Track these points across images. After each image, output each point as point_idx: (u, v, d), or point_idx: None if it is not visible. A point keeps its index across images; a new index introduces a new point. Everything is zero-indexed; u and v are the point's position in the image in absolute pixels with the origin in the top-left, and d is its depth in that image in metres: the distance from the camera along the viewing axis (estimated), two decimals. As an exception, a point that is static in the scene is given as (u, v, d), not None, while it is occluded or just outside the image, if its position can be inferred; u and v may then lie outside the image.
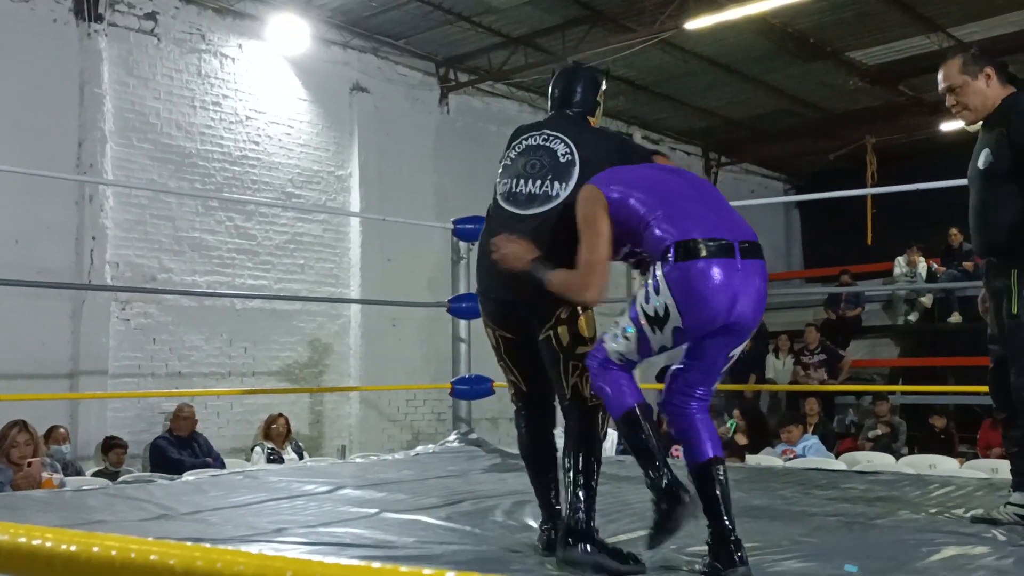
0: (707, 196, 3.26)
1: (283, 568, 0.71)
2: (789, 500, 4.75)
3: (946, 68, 3.92)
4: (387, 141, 11.64)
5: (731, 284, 2.98)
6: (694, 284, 2.95)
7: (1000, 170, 3.76)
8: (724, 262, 2.99)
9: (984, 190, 3.84)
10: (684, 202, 3.15)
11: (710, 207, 3.17)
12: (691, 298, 2.96)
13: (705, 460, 3.10)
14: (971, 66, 3.85)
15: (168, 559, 0.72)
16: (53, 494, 5.09)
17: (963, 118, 3.95)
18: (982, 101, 3.85)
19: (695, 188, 3.27)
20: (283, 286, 10.56)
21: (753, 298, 3.05)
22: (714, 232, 3.03)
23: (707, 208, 3.15)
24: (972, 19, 11.16)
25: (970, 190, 3.98)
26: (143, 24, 9.67)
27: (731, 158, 16.98)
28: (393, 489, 5.21)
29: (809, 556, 3.36)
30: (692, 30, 10.49)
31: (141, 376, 9.40)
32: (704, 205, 3.17)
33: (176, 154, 9.80)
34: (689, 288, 2.95)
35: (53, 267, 8.76)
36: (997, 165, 3.77)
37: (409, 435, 11.40)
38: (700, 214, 3.10)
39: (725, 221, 3.11)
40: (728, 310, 3.00)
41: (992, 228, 3.80)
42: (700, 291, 2.96)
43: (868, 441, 10.62)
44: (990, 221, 3.81)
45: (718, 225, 3.07)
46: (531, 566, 3.29)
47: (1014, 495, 3.95)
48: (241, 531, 3.93)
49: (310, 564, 0.73)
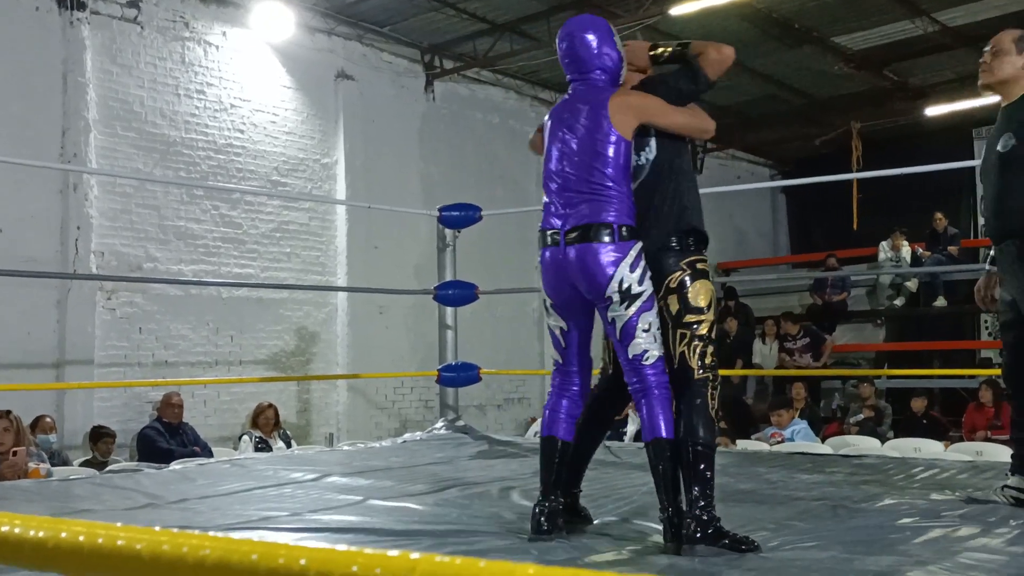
0: (564, 173, 3.45)
1: (249, 551, 0.72)
2: (775, 484, 4.77)
3: (1004, 31, 4.02)
4: (372, 129, 11.61)
5: (557, 269, 3.40)
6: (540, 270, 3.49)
7: (1021, 154, 3.78)
8: (552, 250, 3.41)
9: (1003, 174, 3.85)
10: (547, 184, 3.52)
11: (561, 188, 3.45)
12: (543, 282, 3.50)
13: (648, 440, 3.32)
14: (1022, 43, 3.92)
15: (135, 544, 0.72)
16: (40, 484, 5.08)
17: (982, 77, 4.00)
18: (1008, 74, 3.91)
19: (560, 161, 3.47)
20: (269, 274, 10.54)
21: (578, 276, 3.35)
22: (547, 222, 3.45)
23: (557, 190, 3.46)
24: (956, 3, 11.18)
25: (986, 176, 4.00)
26: (126, 12, 9.61)
27: (718, 144, 16.97)
28: (380, 476, 5.22)
29: (795, 540, 3.38)
30: (677, 16, 10.48)
31: (127, 365, 9.38)
32: (557, 186, 3.46)
33: (160, 142, 9.76)
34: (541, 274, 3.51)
35: (38, 256, 8.72)
36: (1018, 149, 3.79)
37: (397, 422, 11.41)
38: (548, 200, 3.49)
39: (557, 204, 3.44)
40: (553, 287, 3.45)
41: (1013, 212, 3.81)
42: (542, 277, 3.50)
43: (854, 425, 10.67)
44: (1010, 205, 3.82)
45: (554, 213, 3.44)
46: (516, 549, 3.30)
47: (1013, 478, 3.98)
48: (228, 519, 3.93)
49: (275, 547, 0.73)
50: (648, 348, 3.30)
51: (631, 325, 3.29)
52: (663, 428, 3.27)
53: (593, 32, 3.51)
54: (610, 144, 3.36)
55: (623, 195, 3.36)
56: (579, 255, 3.32)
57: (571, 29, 3.54)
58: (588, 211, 3.33)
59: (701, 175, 16.51)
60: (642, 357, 3.30)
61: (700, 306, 3.36)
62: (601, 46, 3.50)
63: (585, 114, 3.44)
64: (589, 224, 3.32)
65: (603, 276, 3.28)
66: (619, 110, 3.39)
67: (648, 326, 3.29)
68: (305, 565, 0.75)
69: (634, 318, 3.28)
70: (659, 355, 3.31)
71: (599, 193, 3.34)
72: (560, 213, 3.41)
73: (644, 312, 3.29)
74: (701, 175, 16.51)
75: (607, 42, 3.51)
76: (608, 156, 3.36)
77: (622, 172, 3.37)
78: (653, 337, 3.30)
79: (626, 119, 3.39)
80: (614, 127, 3.37)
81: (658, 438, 3.27)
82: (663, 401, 3.30)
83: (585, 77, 3.52)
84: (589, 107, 3.44)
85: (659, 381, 3.31)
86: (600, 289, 3.31)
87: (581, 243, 3.31)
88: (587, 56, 3.49)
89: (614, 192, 3.34)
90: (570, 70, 3.55)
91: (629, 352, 3.32)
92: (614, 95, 3.44)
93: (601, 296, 3.32)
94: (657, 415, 3.28)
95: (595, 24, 3.55)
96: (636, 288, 3.28)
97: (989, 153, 3.97)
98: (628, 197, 3.38)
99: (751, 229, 18.07)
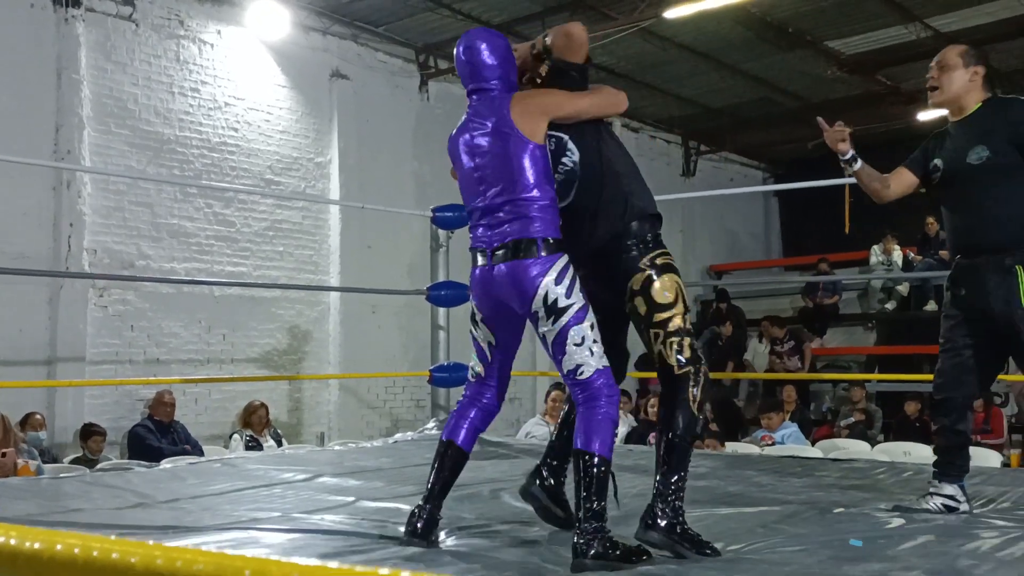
0: (485, 195, 3.38)
1: (242, 567, 0.73)
2: (764, 487, 4.79)
3: (948, 48, 4.03)
4: (367, 128, 11.61)
5: (485, 286, 3.36)
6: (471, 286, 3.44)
7: (998, 165, 3.79)
8: (481, 269, 3.37)
9: (979, 186, 3.85)
10: (469, 210, 3.47)
11: (484, 210, 3.38)
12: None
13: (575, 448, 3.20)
14: (968, 57, 3.94)
15: (129, 557, 0.73)
16: (29, 482, 5.08)
17: (931, 97, 4.02)
18: (955, 91, 3.93)
19: (478, 184, 3.40)
20: (262, 273, 10.54)
21: (508, 293, 3.29)
22: (475, 242, 3.41)
23: (481, 213, 3.40)
24: (949, 9, 11.22)
25: (951, 187, 3.98)
26: (121, 10, 9.61)
27: (711, 146, 17.02)
28: (371, 477, 5.23)
29: (782, 544, 3.40)
30: (672, 19, 10.51)
31: (119, 363, 9.37)
32: (480, 209, 3.40)
33: (154, 140, 9.75)
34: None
35: (30, 253, 8.72)
36: (994, 160, 3.80)
37: (388, 422, 11.42)
38: (473, 223, 3.44)
39: (483, 224, 3.38)
40: (483, 302, 3.42)
41: (993, 224, 3.81)
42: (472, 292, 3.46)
43: (844, 428, 10.70)
44: (989, 217, 3.82)
45: (479, 229, 3.39)
46: (504, 552, 3.31)
47: (941, 485, 4.01)
48: (218, 519, 3.93)
49: (267, 563, 0.74)
50: (582, 362, 3.18)
51: (561, 339, 3.19)
52: (595, 445, 3.12)
53: (492, 43, 3.46)
54: (524, 154, 3.27)
55: (546, 205, 3.28)
56: (507, 272, 3.26)
57: (471, 38, 3.48)
58: (512, 228, 3.26)
59: (694, 177, 16.56)
60: (576, 372, 3.19)
61: (668, 301, 3.30)
62: (499, 57, 3.44)
63: (490, 130, 3.35)
64: (514, 240, 3.24)
65: (530, 290, 3.21)
66: (523, 115, 3.30)
67: (581, 340, 3.18)
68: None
69: (563, 332, 3.18)
70: (598, 368, 3.19)
71: (522, 208, 3.26)
72: (486, 233, 3.34)
73: (574, 326, 3.18)
74: (694, 177, 16.56)
75: (505, 55, 3.46)
76: (525, 167, 3.27)
77: (543, 178, 3.29)
78: (588, 351, 3.18)
79: (532, 122, 3.30)
80: (523, 134, 3.28)
81: (585, 452, 3.13)
82: (603, 416, 3.17)
83: (481, 87, 3.44)
84: (492, 122, 3.35)
85: (597, 392, 3.19)
86: (527, 305, 3.24)
87: (508, 260, 3.25)
88: (485, 65, 3.43)
89: (537, 204, 3.26)
90: (467, 79, 3.49)
91: (563, 367, 3.23)
92: (512, 102, 3.34)
93: (528, 311, 3.26)
94: (592, 429, 3.15)
95: (494, 36, 3.51)
96: (563, 301, 3.18)
97: (954, 166, 3.93)
98: (552, 205, 3.30)
99: (743, 231, 18.12)
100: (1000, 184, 3.81)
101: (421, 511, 3.37)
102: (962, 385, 4.03)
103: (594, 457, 3.11)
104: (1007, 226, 3.79)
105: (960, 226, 3.97)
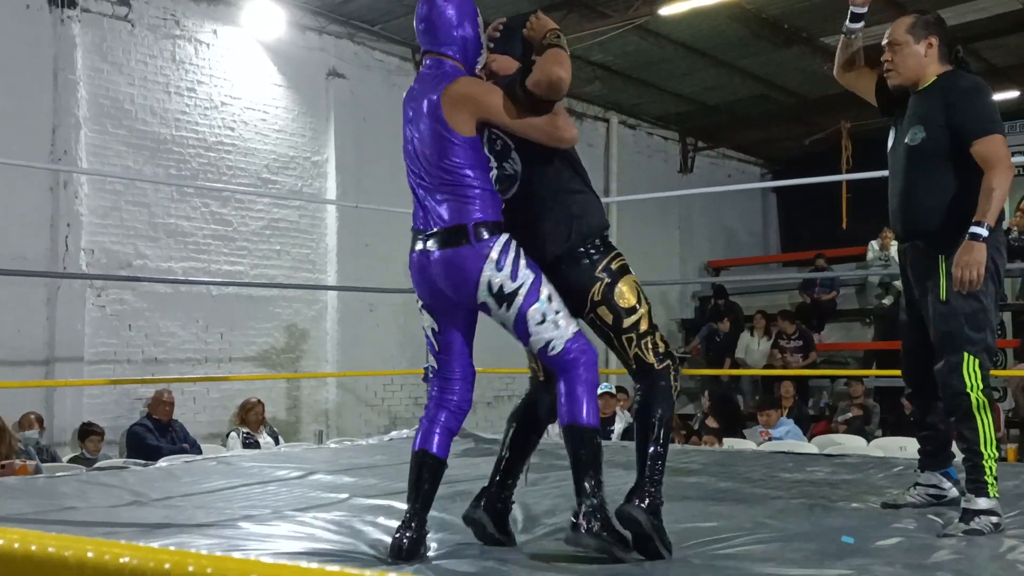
0: (419, 171, 3.26)
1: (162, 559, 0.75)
2: (755, 483, 4.83)
3: (896, 22, 3.82)
4: (363, 127, 11.62)
5: (422, 272, 3.23)
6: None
7: (931, 149, 3.64)
8: (417, 254, 3.24)
9: (911, 169, 3.71)
10: (409, 180, 3.33)
11: (420, 187, 3.27)
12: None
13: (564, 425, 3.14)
14: (918, 29, 3.74)
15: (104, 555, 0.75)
16: (26, 481, 5.11)
17: (889, 78, 3.82)
18: (914, 67, 3.73)
19: (415, 159, 3.26)
20: (259, 272, 10.56)
21: (444, 283, 3.18)
22: (415, 223, 3.28)
23: (416, 187, 3.29)
24: (944, 5, 11.16)
25: (890, 167, 3.86)
26: (117, 10, 9.63)
27: (708, 143, 17.02)
28: (365, 474, 5.27)
29: (769, 538, 3.43)
30: (667, 16, 10.52)
31: (117, 362, 9.40)
32: (416, 184, 3.29)
33: (151, 140, 9.77)
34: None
35: (28, 254, 8.74)
36: (928, 144, 3.64)
37: (387, 420, 11.44)
38: (414, 197, 3.30)
39: (417, 201, 3.26)
40: (420, 287, 3.28)
41: (920, 211, 3.69)
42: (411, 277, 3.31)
43: (842, 424, 10.73)
44: (917, 204, 3.69)
45: (418, 209, 3.27)
46: (495, 550, 3.34)
47: (922, 475, 4.02)
48: (211, 516, 3.97)
49: (226, 560, 0.77)
50: (550, 338, 3.09)
51: (522, 324, 3.09)
52: (583, 414, 3.06)
53: (460, 5, 3.26)
54: (453, 144, 3.12)
55: (480, 188, 3.13)
56: (441, 261, 3.13)
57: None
58: (445, 213, 3.12)
59: (691, 174, 16.56)
60: (547, 348, 3.10)
61: (631, 305, 3.23)
62: (461, 21, 3.25)
63: (425, 108, 3.17)
64: (446, 228, 3.11)
65: (469, 282, 3.08)
66: (453, 105, 3.12)
67: (542, 317, 3.08)
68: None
69: (521, 316, 3.08)
70: (568, 337, 3.09)
71: (454, 192, 3.12)
72: (422, 215, 3.21)
73: (531, 306, 3.07)
74: (691, 174, 16.56)
75: (468, 19, 3.27)
76: (454, 156, 3.12)
77: (473, 166, 3.13)
78: (553, 324, 3.08)
79: (461, 116, 3.12)
80: (450, 126, 3.11)
81: (575, 425, 3.07)
82: (583, 383, 3.09)
83: (436, 51, 3.25)
84: (427, 101, 3.17)
85: (573, 362, 3.09)
86: (470, 296, 3.12)
87: (441, 249, 3.12)
88: (443, 28, 3.24)
89: (468, 188, 3.11)
90: (423, 41, 3.30)
91: (533, 348, 3.15)
92: (448, 88, 3.14)
93: (473, 303, 3.14)
94: (575, 398, 3.07)
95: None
96: (510, 285, 3.06)
97: (895, 145, 3.81)
98: (488, 189, 3.16)
99: (741, 228, 18.12)
100: (930, 170, 3.65)
101: (404, 531, 3.19)
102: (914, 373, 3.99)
103: (584, 430, 3.06)
104: (931, 214, 3.64)
105: (893, 208, 3.83)
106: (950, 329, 3.57)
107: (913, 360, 3.95)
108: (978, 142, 3.54)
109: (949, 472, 4.01)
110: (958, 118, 3.59)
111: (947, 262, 3.55)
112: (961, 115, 3.60)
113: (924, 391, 3.91)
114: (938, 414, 3.88)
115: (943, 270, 3.59)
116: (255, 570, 0.81)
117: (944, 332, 3.60)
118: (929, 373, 3.72)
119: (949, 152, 3.61)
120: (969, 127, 3.57)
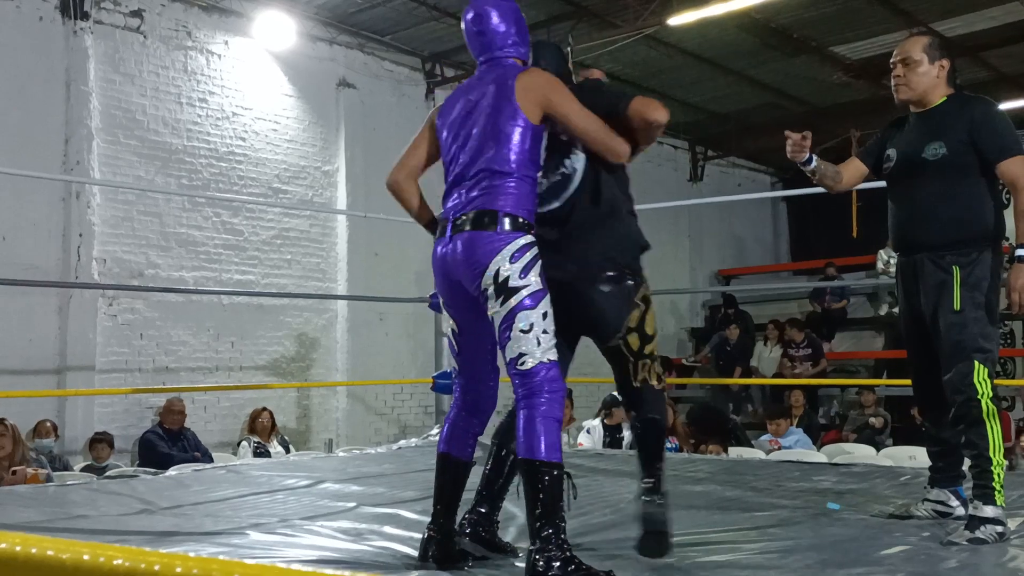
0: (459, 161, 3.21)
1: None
2: (760, 492, 4.84)
3: (911, 41, 3.89)
4: (373, 136, 11.67)
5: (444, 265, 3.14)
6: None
7: (952, 163, 3.69)
8: (440, 241, 3.16)
9: (931, 183, 3.75)
10: (446, 177, 3.29)
11: (458, 178, 3.21)
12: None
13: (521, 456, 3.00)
14: (934, 50, 3.83)
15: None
16: (36, 489, 5.15)
17: (900, 93, 3.88)
18: (925, 85, 3.81)
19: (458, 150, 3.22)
20: (270, 281, 10.61)
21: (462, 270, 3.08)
22: (444, 212, 3.20)
23: (453, 181, 3.23)
24: (952, 14, 11.23)
25: (896, 183, 3.91)
26: (129, 21, 9.70)
27: (718, 152, 17.04)
28: (373, 483, 5.29)
29: (772, 547, 3.45)
30: (676, 26, 10.55)
31: (128, 371, 9.45)
32: (454, 176, 3.24)
33: (163, 150, 9.84)
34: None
35: (40, 264, 8.81)
36: (949, 158, 3.70)
37: (396, 428, 11.47)
38: (446, 192, 3.25)
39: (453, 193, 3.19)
40: (440, 283, 3.19)
41: (939, 223, 3.72)
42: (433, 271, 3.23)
43: (852, 433, 10.69)
44: (936, 216, 3.72)
45: (449, 199, 3.20)
46: (495, 561, 3.36)
47: (932, 491, 4.02)
48: (219, 525, 4.00)
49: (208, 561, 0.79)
50: (525, 351, 2.95)
51: (508, 323, 2.96)
52: (541, 448, 2.91)
53: (501, 8, 3.25)
54: (515, 126, 3.07)
55: (523, 183, 3.08)
56: (462, 244, 3.03)
57: (479, 5, 3.26)
58: (478, 199, 3.05)
59: (701, 182, 16.58)
60: (518, 361, 2.96)
61: (652, 333, 3.44)
62: (510, 22, 3.25)
63: (490, 92, 3.13)
64: (476, 211, 3.03)
65: (481, 263, 2.98)
66: (525, 90, 3.09)
67: (529, 327, 2.95)
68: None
69: (511, 315, 2.95)
70: (543, 360, 2.96)
71: (495, 180, 3.06)
72: (454, 203, 3.14)
73: (524, 310, 2.95)
74: (701, 182, 16.58)
75: (517, 19, 3.28)
76: (510, 138, 3.06)
77: (527, 158, 3.09)
78: (535, 340, 2.95)
79: (531, 101, 3.08)
80: (520, 108, 3.06)
81: (531, 459, 2.91)
82: (543, 418, 2.94)
83: (493, 56, 3.25)
84: (494, 85, 3.13)
85: (537, 388, 2.96)
86: (477, 280, 3.01)
87: (469, 230, 3.03)
88: (497, 32, 3.24)
89: (513, 179, 3.06)
90: (477, 50, 3.30)
91: (506, 354, 3.00)
92: (522, 74, 3.13)
93: (478, 290, 3.02)
94: (534, 432, 2.92)
95: (504, 3, 3.28)
96: (515, 281, 2.96)
97: (906, 157, 3.84)
98: (530, 187, 3.11)
99: (751, 236, 18.12)
100: (949, 183, 3.71)
101: (430, 535, 3.20)
102: (922, 388, 4.00)
103: (540, 465, 2.89)
104: (948, 226, 3.69)
105: (904, 220, 3.87)
106: (963, 338, 3.62)
107: (920, 373, 3.97)
108: (1006, 163, 3.66)
109: (958, 490, 3.99)
110: (984, 136, 3.69)
111: (962, 272, 3.64)
112: (987, 133, 3.69)
113: (935, 405, 3.91)
114: (951, 430, 3.86)
115: (958, 280, 3.65)
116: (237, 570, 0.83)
117: (956, 341, 3.64)
118: (936, 385, 3.74)
119: (969, 166, 3.71)
120: (996, 146, 3.68)
